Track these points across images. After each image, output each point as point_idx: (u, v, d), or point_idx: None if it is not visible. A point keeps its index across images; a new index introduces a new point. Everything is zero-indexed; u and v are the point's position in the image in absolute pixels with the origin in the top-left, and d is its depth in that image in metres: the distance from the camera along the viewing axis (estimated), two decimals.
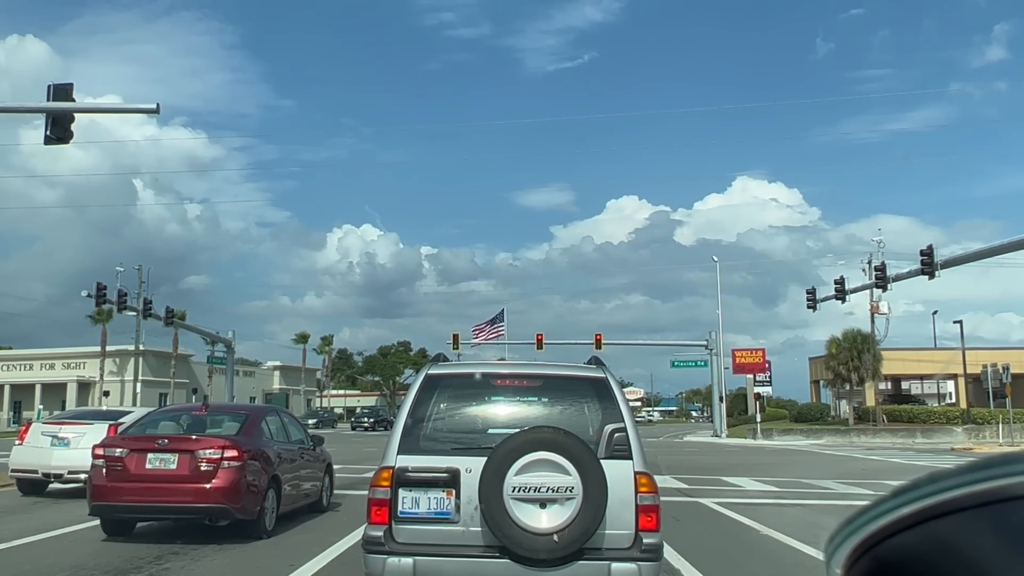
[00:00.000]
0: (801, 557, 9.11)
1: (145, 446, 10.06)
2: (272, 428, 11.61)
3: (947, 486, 0.82)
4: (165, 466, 9.81)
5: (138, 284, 50.91)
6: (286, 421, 12.59)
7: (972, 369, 47.42)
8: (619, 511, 5.20)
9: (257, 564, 8.77)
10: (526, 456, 5.09)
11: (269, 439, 11.22)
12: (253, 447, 10.40)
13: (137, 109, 20.55)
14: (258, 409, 13.24)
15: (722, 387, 53.81)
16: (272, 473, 10.59)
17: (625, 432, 5.51)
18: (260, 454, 10.48)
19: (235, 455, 9.83)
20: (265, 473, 10.42)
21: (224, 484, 9.66)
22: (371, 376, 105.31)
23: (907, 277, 34.64)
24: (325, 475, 12.85)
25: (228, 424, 11.38)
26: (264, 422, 11.44)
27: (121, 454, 9.95)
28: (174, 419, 11.79)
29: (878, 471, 22.13)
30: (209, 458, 9.76)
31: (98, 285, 41.76)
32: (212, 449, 9.85)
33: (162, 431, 11.01)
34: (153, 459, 9.86)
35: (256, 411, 12.32)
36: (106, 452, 10.06)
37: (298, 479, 11.64)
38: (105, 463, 9.93)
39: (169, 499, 9.68)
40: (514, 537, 5.05)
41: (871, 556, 0.93)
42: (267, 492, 10.32)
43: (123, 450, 10.02)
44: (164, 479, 9.71)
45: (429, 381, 5.88)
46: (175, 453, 9.86)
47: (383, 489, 5.34)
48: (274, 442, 11.29)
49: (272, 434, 11.47)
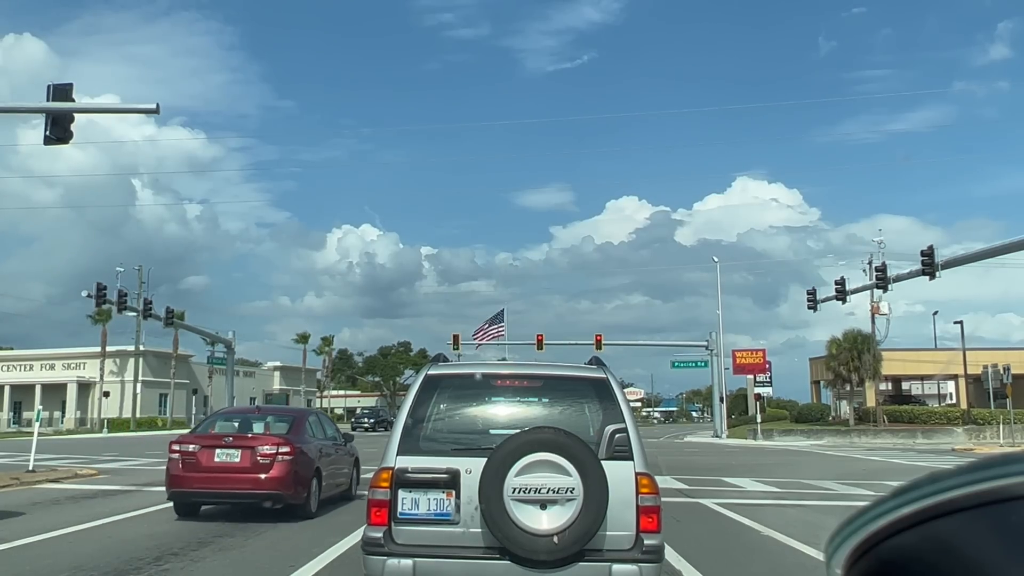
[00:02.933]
0: (802, 558, 9.09)
1: (213, 442, 11.86)
2: (313, 427, 13.20)
3: (947, 486, 0.82)
4: (230, 459, 11.59)
5: (138, 284, 50.95)
6: (324, 421, 14.37)
7: (972, 370, 47.36)
8: (620, 512, 5.17)
9: (256, 565, 8.75)
10: (526, 457, 5.06)
11: (312, 437, 12.80)
12: (301, 444, 12.05)
13: (137, 109, 20.55)
14: (302, 411, 15.24)
15: (722, 387, 53.76)
16: (315, 465, 12.20)
17: (626, 433, 5.47)
18: (306, 449, 12.13)
19: (288, 450, 11.59)
20: (310, 465, 12.06)
21: (279, 474, 11.43)
22: (371, 376, 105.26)
23: (908, 277, 34.63)
24: (353, 468, 14.42)
25: (279, 424, 12.99)
26: (308, 422, 13.11)
27: (193, 449, 11.71)
28: (233, 420, 13.63)
29: (879, 472, 22.10)
30: (266, 453, 11.52)
31: (98, 285, 41.75)
32: (269, 445, 11.63)
33: (223, 430, 12.72)
34: (220, 453, 11.64)
35: (301, 413, 14.42)
36: (181, 448, 11.82)
37: (334, 471, 13.28)
38: (180, 456, 11.70)
39: (233, 487, 11.45)
40: (514, 538, 5.02)
41: (871, 556, 0.92)
42: (311, 481, 11.98)
43: (195, 446, 11.79)
44: (229, 470, 11.50)
45: (429, 381, 5.85)
46: (238, 448, 11.65)
47: (382, 490, 5.31)
48: (316, 439, 12.88)
49: (314, 432, 13.04)
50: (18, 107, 18.95)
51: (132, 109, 21.87)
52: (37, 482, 16.83)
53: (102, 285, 41.87)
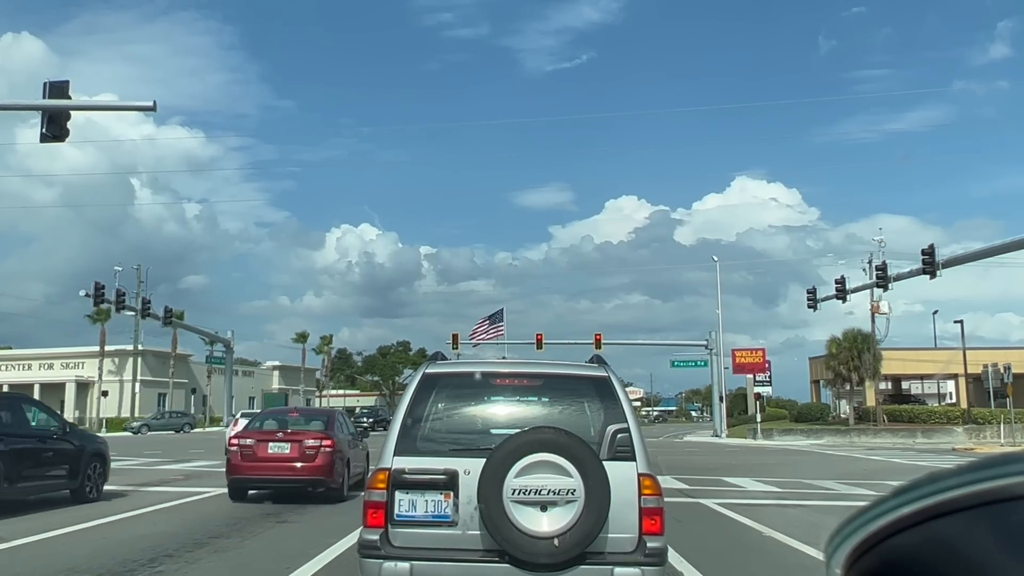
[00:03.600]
0: (803, 559, 9.01)
1: (267, 437, 14.23)
2: (341, 425, 15.67)
3: (947, 486, 0.83)
4: (281, 451, 13.87)
5: (136, 284, 50.90)
6: (347, 420, 17.06)
7: (973, 369, 47.29)
8: (622, 514, 5.05)
9: (252, 567, 8.66)
10: (526, 457, 4.94)
11: (342, 433, 15.13)
12: (336, 438, 14.33)
13: (134, 107, 20.43)
14: (333, 412, 17.71)
15: (722, 387, 53.74)
16: (346, 457, 14.48)
17: (628, 433, 5.36)
18: (340, 443, 14.40)
19: (328, 444, 13.89)
20: (343, 457, 14.33)
21: (322, 463, 13.71)
22: (370, 376, 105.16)
23: (908, 276, 34.58)
24: (366, 461, 16.20)
25: (317, 422, 15.42)
26: (338, 421, 15.61)
27: (250, 443, 13.96)
28: (279, 419, 16.30)
29: (879, 471, 22.02)
30: (311, 446, 13.78)
31: (96, 285, 41.64)
32: (313, 439, 13.94)
33: (269, 428, 15.21)
34: (273, 446, 13.91)
35: (332, 413, 16.88)
36: (240, 442, 14.10)
37: (356, 463, 15.41)
38: (239, 449, 14.00)
39: (284, 474, 13.72)
40: (514, 541, 4.91)
41: (871, 556, 0.93)
42: (345, 470, 14.25)
43: (251, 440, 14.06)
44: (281, 460, 13.76)
45: (427, 380, 5.73)
46: (288, 442, 13.95)
47: (379, 491, 5.20)
48: (344, 435, 15.24)
49: (342, 429, 15.44)
50: (14, 104, 18.85)
51: (129, 107, 21.75)
52: None
53: (100, 284, 41.77)
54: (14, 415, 13.06)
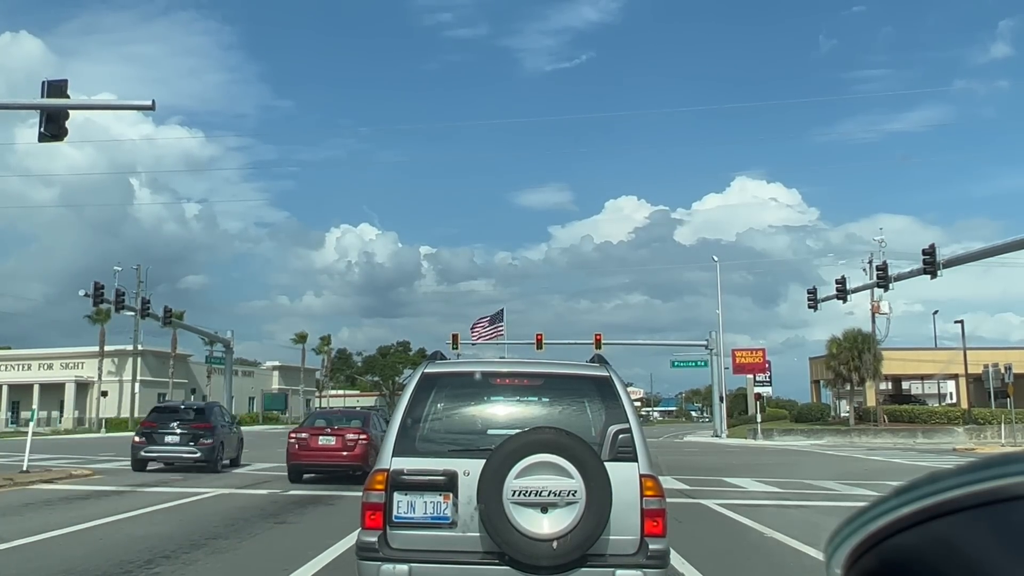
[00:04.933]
0: (804, 559, 8.95)
1: (319, 432, 18.40)
2: (374, 423, 19.41)
3: (947, 486, 0.82)
4: (328, 443, 17.94)
5: (136, 284, 50.70)
6: (380, 419, 20.22)
7: (973, 369, 47.24)
8: (624, 515, 4.98)
9: (249, 568, 8.60)
10: (527, 458, 4.87)
11: (374, 429, 18.61)
12: (371, 433, 18.09)
13: (132, 106, 20.37)
14: (367, 411, 22.10)
15: (722, 387, 53.66)
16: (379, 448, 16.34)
17: (630, 433, 5.29)
18: (374, 437, 17.61)
19: (365, 437, 17.92)
20: (376, 448, 14.89)
21: (361, 452, 17.49)
22: (370, 376, 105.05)
23: (909, 276, 34.50)
24: None
25: (356, 421, 19.55)
26: (372, 419, 19.69)
27: (304, 437, 18.20)
28: (326, 418, 20.78)
29: (880, 471, 21.97)
30: (352, 439, 17.89)
31: (95, 285, 41.52)
32: (353, 434, 18.09)
33: (319, 425, 19.25)
34: (322, 440, 18.03)
35: (367, 412, 21.48)
36: (296, 436, 18.33)
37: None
38: (296, 441, 18.07)
39: (331, 461, 17.73)
40: (514, 543, 4.84)
41: (871, 556, 0.93)
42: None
43: (306, 435, 18.32)
44: (329, 450, 17.83)
45: (426, 380, 5.66)
46: (334, 436, 18.09)
47: (377, 493, 5.13)
48: (378, 431, 18.08)
49: (374, 426, 18.95)
50: (12, 103, 18.78)
51: (127, 105, 21.68)
52: (31, 483, 16.69)
53: (99, 284, 41.65)
54: (215, 414, 22.07)
